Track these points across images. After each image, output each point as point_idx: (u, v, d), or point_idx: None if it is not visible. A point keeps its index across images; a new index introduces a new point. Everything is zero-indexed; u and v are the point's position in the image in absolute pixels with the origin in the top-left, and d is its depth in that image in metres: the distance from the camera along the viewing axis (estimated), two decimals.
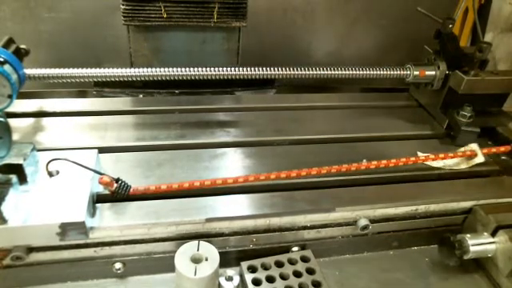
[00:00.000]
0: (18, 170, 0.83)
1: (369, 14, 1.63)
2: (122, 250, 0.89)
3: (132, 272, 0.91)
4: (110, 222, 0.86)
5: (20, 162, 0.83)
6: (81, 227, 0.79)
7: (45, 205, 0.81)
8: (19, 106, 1.19)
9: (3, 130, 0.81)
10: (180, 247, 0.85)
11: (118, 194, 0.89)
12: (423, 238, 1.06)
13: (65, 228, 0.79)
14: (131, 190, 0.91)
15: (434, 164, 1.13)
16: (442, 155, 1.12)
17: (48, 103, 1.24)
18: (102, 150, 1.00)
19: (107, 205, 0.90)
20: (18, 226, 0.77)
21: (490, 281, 0.98)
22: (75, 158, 0.88)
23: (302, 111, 1.35)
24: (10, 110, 0.98)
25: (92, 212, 0.86)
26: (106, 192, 0.91)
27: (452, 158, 1.13)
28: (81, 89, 1.51)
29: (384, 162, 1.07)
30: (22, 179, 0.84)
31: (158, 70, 1.18)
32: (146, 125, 1.21)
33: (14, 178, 0.81)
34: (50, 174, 0.88)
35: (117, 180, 0.90)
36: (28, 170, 0.85)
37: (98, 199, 0.91)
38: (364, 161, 1.06)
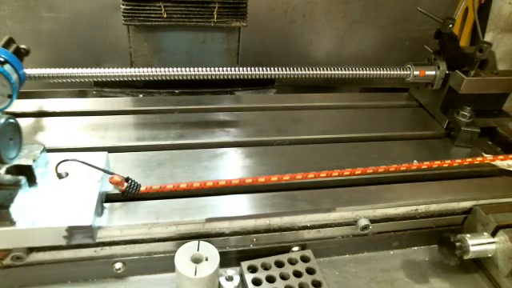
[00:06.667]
0: (28, 172, 0.82)
1: (369, 14, 1.63)
2: (122, 249, 0.89)
3: (132, 272, 0.91)
4: (111, 222, 0.86)
5: (29, 163, 0.83)
6: (88, 231, 0.79)
7: (53, 207, 0.81)
8: (19, 105, 1.19)
9: (14, 132, 0.81)
10: (180, 247, 0.85)
11: (128, 194, 0.90)
12: (423, 237, 1.06)
13: (72, 231, 0.79)
14: (142, 188, 0.92)
15: (498, 164, 1.12)
16: (501, 156, 1.13)
17: (48, 103, 1.24)
18: (103, 150, 1.00)
19: (107, 205, 0.90)
20: (25, 229, 0.77)
21: (490, 281, 0.99)
22: (85, 159, 0.88)
23: (302, 111, 1.35)
24: (10, 109, 0.98)
25: (100, 213, 0.87)
26: (107, 192, 0.92)
27: None
28: (81, 89, 1.51)
29: (437, 162, 1.05)
30: (31, 181, 0.83)
31: (158, 69, 1.18)
32: (146, 125, 1.20)
33: (23, 179, 0.81)
34: (60, 176, 0.88)
35: (127, 179, 0.90)
36: (37, 172, 0.85)
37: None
38: (415, 161, 1.06)
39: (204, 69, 1.19)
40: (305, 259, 0.93)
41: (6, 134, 0.77)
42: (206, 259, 0.83)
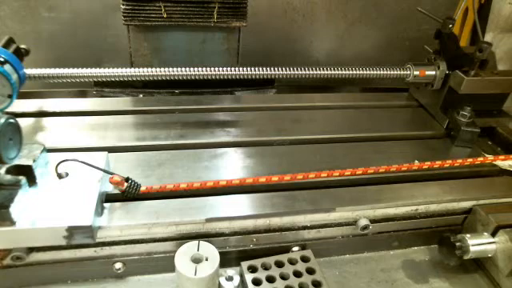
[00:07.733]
0: (28, 172, 0.82)
1: (369, 14, 1.63)
2: (122, 249, 0.89)
3: (132, 272, 0.91)
4: (111, 222, 0.86)
5: (29, 163, 0.83)
6: (88, 231, 0.79)
7: (53, 207, 0.81)
8: (19, 105, 1.19)
9: (14, 132, 0.81)
10: (180, 247, 0.86)
11: (128, 194, 0.90)
12: (423, 237, 1.06)
13: (72, 231, 0.79)
14: (142, 188, 0.92)
15: (499, 164, 1.13)
16: (502, 156, 1.13)
17: (48, 103, 1.24)
18: (102, 150, 1.00)
19: (107, 205, 0.90)
20: (25, 229, 0.77)
21: (490, 281, 0.99)
22: (85, 159, 0.88)
23: (302, 111, 1.35)
24: (10, 109, 0.98)
25: (100, 213, 0.86)
26: (107, 192, 0.92)
27: None
28: (81, 89, 1.51)
29: (439, 162, 1.05)
30: (31, 181, 0.83)
31: (158, 69, 1.18)
32: (146, 125, 1.21)
33: (23, 179, 0.81)
34: (60, 176, 0.88)
35: (127, 179, 0.90)
36: (37, 172, 0.84)
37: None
38: (416, 161, 1.06)
39: (204, 69, 1.19)
40: (305, 259, 0.93)
41: (5, 134, 0.77)
42: (206, 259, 0.83)
